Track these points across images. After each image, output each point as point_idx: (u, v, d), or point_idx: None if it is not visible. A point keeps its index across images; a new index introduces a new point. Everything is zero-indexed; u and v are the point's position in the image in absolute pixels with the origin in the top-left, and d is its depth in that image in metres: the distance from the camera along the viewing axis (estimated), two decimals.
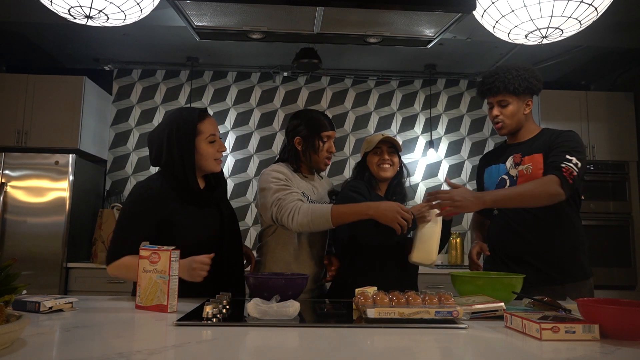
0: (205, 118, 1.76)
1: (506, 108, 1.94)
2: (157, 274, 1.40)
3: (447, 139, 4.50)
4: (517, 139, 2.00)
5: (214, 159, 1.76)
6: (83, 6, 1.81)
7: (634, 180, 4.02)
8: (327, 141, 1.97)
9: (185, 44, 3.91)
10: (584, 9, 1.77)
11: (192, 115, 1.72)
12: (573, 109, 4.04)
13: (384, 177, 1.97)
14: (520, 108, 1.95)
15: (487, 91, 1.97)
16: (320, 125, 1.96)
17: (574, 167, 1.77)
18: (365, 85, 4.54)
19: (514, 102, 1.94)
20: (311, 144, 1.95)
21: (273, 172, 1.89)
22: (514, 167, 1.93)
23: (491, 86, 1.94)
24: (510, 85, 1.91)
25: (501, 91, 1.92)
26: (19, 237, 3.54)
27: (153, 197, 1.66)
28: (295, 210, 1.75)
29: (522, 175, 1.89)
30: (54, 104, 3.84)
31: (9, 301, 1.02)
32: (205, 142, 1.73)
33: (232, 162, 4.39)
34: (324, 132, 1.96)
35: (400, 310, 1.24)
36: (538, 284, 1.78)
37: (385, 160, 1.96)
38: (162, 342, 1.06)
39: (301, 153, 1.97)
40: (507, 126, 1.96)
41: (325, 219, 1.73)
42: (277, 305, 1.26)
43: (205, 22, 1.99)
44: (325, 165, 1.99)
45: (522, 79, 1.91)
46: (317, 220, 1.74)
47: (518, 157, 1.93)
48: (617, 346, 1.01)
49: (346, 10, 1.86)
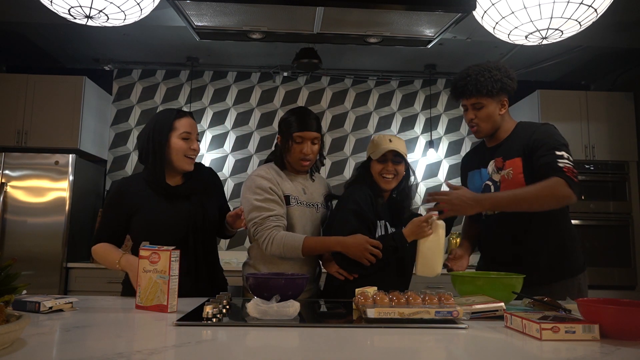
0: (183, 116, 1.82)
1: (481, 111, 1.88)
2: (157, 274, 1.40)
3: (447, 139, 4.50)
4: (495, 141, 1.95)
5: (184, 155, 1.79)
6: (83, 6, 1.81)
7: (634, 180, 4.02)
8: (301, 142, 1.88)
9: (185, 44, 3.91)
10: (583, 10, 1.77)
11: (171, 114, 1.82)
12: (573, 109, 4.04)
13: (386, 188, 1.93)
14: (495, 109, 1.88)
15: (460, 94, 1.91)
16: (294, 125, 1.88)
17: (571, 164, 1.74)
18: (365, 85, 4.54)
19: (489, 104, 1.87)
20: (285, 144, 1.92)
21: (258, 178, 1.88)
22: (497, 172, 1.89)
23: (464, 89, 1.88)
24: (483, 88, 1.84)
25: (474, 94, 1.86)
26: (19, 237, 3.54)
27: (122, 191, 1.81)
28: (269, 239, 1.81)
29: (504, 181, 1.85)
30: (54, 104, 3.84)
31: (9, 301, 1.02)
32: (177, 137, 1.79)
33: (232, 162, 4.39)
34: (295, 133, 1.88)
35: (400, 310, 1.24)
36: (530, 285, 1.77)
37: (389, 171, 1.91)
38: (162, 342, 1.06)
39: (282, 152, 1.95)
40: (482, 130, 1.91)
41: (296, 252, 1.80)
42: (277, 305, 1.26)
43: (205, 22, 1.99)
44: (301, 167, 1.92)
45: (495, 80, 1.84)
46: (289, 252, 1.81)
47: (500, 161, 1.89)
48: (617, 346, 1.01)
49: (346, 10, 1.86)
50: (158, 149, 1.77)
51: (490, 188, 1.91)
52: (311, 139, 1.90)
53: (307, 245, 1.80)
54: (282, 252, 1.81)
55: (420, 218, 1.80)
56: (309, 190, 1.99)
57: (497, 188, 1.88)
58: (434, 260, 1.79)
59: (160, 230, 1.74)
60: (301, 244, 1.79)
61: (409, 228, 1.81)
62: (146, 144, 1.78)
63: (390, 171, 1.91)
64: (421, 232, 1.78)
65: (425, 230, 1.78)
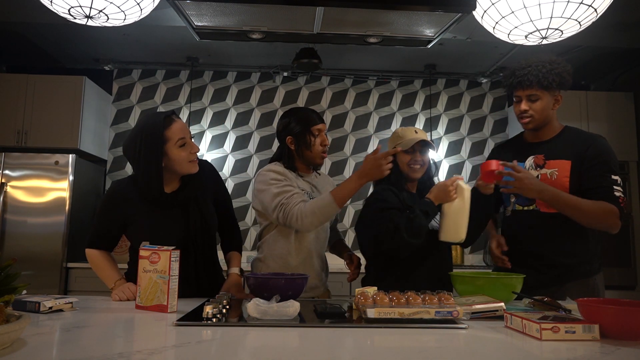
0: (171, 123, 1.71)
1: (535, 103, 1.83)
2: (157, 274, 1.40)
3: (447, 139, 4.50)
4: (538, 137, 1.91)
5: (188, 161, 1.74)
6: (83, 6, 1.81)
7: (634, 180, 4.02)
8: (319, 135, 1.96)
9: (185, 44, 3.91)
10: (583, 10, 1.77)
11: (158, 122, 1.68)
12: (573, 109, 4.04)
13: (414, 177, 1.94)
14: (549, 103, 1.84)
15: (518, 84, 1.83)
16: (309, 120, 1.95)
17: (622, 192, 1.77)
18: (365, 85, 4.54)
19: (545, 97, 1.83)
20: (303, 141, 1.95)
21: (270, 172, 1.90)
22: (535, 169, 1.86)
23: (522, 79, 1.81)
24: (544, 80, 1.79)
25: (533, 85, 1.80)
26: (19, 237, 3.54)
27: (115, 198, 1.78)
28: (300, 214, 1.79)
29: (544, 179, 1.82)
30: (54, 104, 3.84)
31: (9, 301, 1.02)
32: (175, 148, 1.70)
33: (232, 162, 4.39)
34: (314, 126, 1.95)
35: (400, 310, 1.24)
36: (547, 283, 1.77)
37: (417, 161, 1.92)
38: (162, 342, 1.06)
39: (295, 152, 1.97)
40: (535, 121, 1.85)
41: (332, 207, 1.79)
42: (277, 305, 1.26)
43: (205, 22, 1.99)
44: (321, 159, 1.99)
45: (556, 74, 1.80)
46: (326, 213, 1.80)
47: (541, 158, 1.86)
48: (617, 346, 1.01)
49: (346, 10, 1.86)
50: (155, 164, 1.67)
51: None
52: (325, 129, 2.00)
53: (336, 196, 1.79)
54: (320, 218, 1.80)
55: (445, 182, 1.81)
56: (318, 187, 2.03)
57: None
58: (458, 224, 1.78)
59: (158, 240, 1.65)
60: (332, 199, 1.79)
61: (434, 192, 1.82)
62: (137, 157, 1.68)
63: (418, 161, 1.92)
64: (446, 196, 1.79)
65: (449, 194, 1.78)
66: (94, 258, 1.82)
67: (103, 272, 1.79)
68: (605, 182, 1.77)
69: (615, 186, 1.77)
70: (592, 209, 1.74)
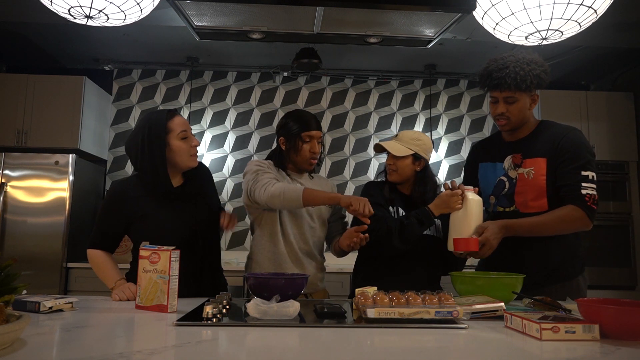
0: (174, 116, 1.78)
1: (513, 105, 1.79)
2: (157, 274, 1.40)
3: (447, 139, 4.50)
4: (515, 136, 1.89)
5: (189, 154, 1.78)
6: (83, 6, 1.81)
7: (634, 180, 4.02)
8: (310, 141, 1.95)
9: (185, 44, 3.91)
10: (583, 11, 1.77)
11: (162, 116, 1.77)
12: (573, 109, 4.04)
13: (391, 181, 1.99)
14: (526, 104, 1.81)
15: (495, 86, 1.79)
16: (302, 125, 1.95)
17: (593, 189, 1.73)
18: (365, 85, 4.54)
19: (522, 99, 1.79)
20: (293, 144, 1.96)
21: (257, 161, 1.96)
22: (513, 169, 1.85)
23: (500, 82, 1.76)
24: (522, 83, 1.74)
25: (512, 88, 1.76)
26: (19, 237, 3.54)
27: (118, 197, 1.78)
28: (269, 183, 1.81)
29: (522, 179, 1.82)
30: (54, 104, 3.84)
31: (9, 301, 1.02)
32: (177, 139, 1.76)
33: (232, 162, 4.39)
34: (305, 132, 1.95)
35: (400, 310, 1.24)
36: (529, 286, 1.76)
37: (389, 165, 1.98)
38: (162, 342, 1.06)
39: (285, 153, 1.99)
40: (511, 123, 1.83)
41: (296, 198, 1.77)
42: (277, 305, 1.26)
43: (205, 22, 1.99)
44: (309, 165, 1.99)
45: (534, 75, 1.75)
46: (288, 197, 1.77)
47: (518, 157, 1.85)
48: (617, 346, 1.01)
49: (346, 10, 1.86)
50: (159, 153, 1.71)
51: (505, 184, 1.87)
52: (318, 137, 1.98)
53: (306, 194, 1.77)
54: (281, 200, 1.78)
55: (447, 192, 1.80)
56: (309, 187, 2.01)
57: (513, 185, 1.84)
58: (461, 234, 1.75)
59: (166, 236, 1.69)
60: (301, 194, 1.77)
61: (435, 201, 1.83)
62: (142, 150, 1.72)
63: (390, 165, 1.98)
64: (447, 206, 1.79)
65: (451, 204, 1.78)
66: (95, 258, 1.81)
67: (103, 272, 1.79)
68: (573, 179, 1.74)
69: (584, 183, 1.72)
70: (555, 221, 1.74)
